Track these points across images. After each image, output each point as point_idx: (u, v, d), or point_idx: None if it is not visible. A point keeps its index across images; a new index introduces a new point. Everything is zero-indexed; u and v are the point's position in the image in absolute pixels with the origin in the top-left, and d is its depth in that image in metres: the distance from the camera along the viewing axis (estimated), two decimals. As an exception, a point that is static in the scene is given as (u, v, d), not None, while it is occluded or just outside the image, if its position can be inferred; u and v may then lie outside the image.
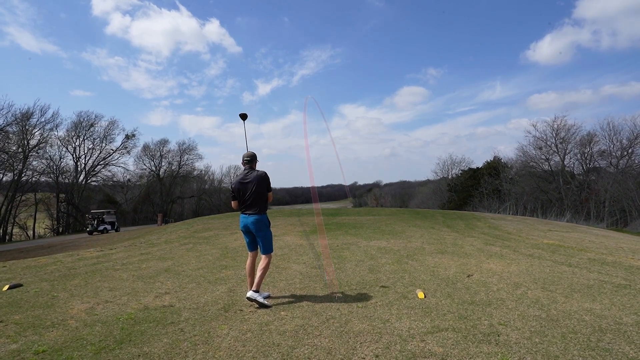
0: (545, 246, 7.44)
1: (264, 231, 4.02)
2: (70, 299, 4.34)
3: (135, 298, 4.29)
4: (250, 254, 4.20)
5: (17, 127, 33.86)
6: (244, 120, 4.78)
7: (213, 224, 13.18)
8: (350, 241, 8.09)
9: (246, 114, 4.79)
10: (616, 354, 2.64)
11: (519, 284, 4.54)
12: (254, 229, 3.99)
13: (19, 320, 3.58)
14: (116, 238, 16.55)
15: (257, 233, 4.01)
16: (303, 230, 10.23)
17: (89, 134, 43.95)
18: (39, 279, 5.51)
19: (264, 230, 4.02)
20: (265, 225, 4.02)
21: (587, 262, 5.88)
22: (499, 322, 3.28)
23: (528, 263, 5.73)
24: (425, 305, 3.78)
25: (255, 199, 3.97)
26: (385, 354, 2.71)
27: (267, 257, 4.03)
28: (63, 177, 41.44)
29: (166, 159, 53.57)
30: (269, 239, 4.08)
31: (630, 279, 4.80)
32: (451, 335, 2.99)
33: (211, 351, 2.82)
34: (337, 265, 5.70)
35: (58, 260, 7.38)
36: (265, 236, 4.03)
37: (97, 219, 28.46)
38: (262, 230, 4.00)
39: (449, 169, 54.00)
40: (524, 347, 2.76)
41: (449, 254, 6.48)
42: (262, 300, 3.82)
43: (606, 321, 3.28)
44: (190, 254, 7.34)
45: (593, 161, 35.63)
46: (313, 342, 2.94)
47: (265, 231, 4.03)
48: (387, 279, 4.88)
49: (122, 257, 7.42)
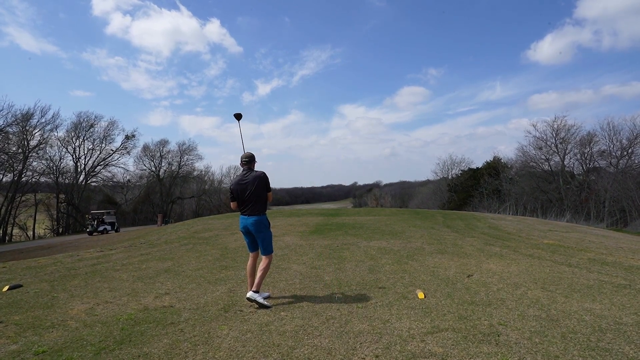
0: (545, 246, 7.44)
1: (263, 232, 4.01)
2: (70, 299, 4.33)
3: (135, 299, 4.29)
4: (251, 254, 4.20)
5: (17, 127, 33.88)
6: (238, 120, 4.75)
7: (213, 225, 13.18)
8: (350, 241, 8.09)
9: (241, 114, 4.74)
10: (616, 354, 2.64)
11: (519, 284, 4.54)
12: (254, 230, 3.99)
13: (19, 321, 3.57)
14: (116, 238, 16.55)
15: (257, 234, 4.01)
16: (303, 230, 10.23)
17: (89, 135, 43.96)
18: (38, 279, 5.50)
19: (263, 231, 4.01)
20: (264, 226, 4.02)
21: (587, 262, 5.88)
22: (499, 322, 3.28)
23: (528, 263, 5.73)
24: (425, 305, 3.78)
25: (254, 200, 3.96)
26: (385, 354, 2.71)
27: (267, 257, 4.03)
28: (63, 177, 41.42)
29: (166, 160, 53.56)
30: (268, 240, 4.07)
31: (630, 279, 4.80)
32: (451, 336, 2.99)
33: (211, 351, 2.82)
34: (337, 266, 5.69)
35: (58, 260, 7.38)
36: (265, 237, 4.03)
37: (97, 220, 28.45)
38: (262, 231, 4.00)
39: (449, 169, 54.03)
40: (523, 347, 2.76)
41: (449, 254, 6.48)
42: (262, 301, 3.82)
43: (606, 321, 3.28)
44: (190, 254, 7.34)
45: (593, 161, 35.66)
46: (313, 343, 2.94)
47: (265, 232, 4.03)
48: (387, 279, 4.88)
49: (122, 257, 7.42)
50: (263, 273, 3.93)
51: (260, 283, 3.91)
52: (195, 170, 55.73)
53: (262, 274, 3.93)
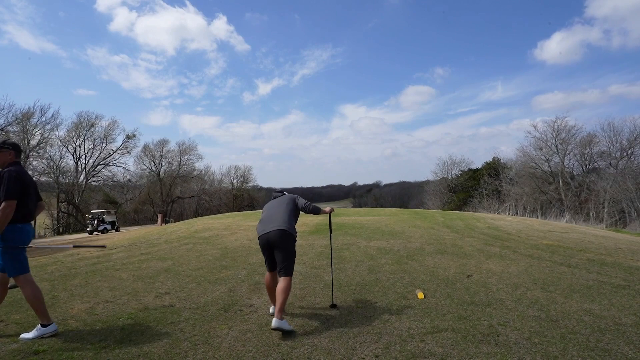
0: (545, 247, 7.44)
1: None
2: (70, 298, 4.34)
3: (136, 298, 4.30)
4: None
5: (17, 127, 33.88)
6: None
7: (213, 224, 13.18)
8: (350, 241, 8.09)
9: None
10: (615, 355, 2.65)
11: (519, 284, 4.55)
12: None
13: (19, 320, 3.58)
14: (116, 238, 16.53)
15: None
16: (303, 230, 10.23)
17: (90, 134, 43.96)
18: (39, 278, 5.50)
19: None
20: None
21: (586, 262, 5.89)
22: (499, 322, 3.29)
23: (527, 263, 5.74)
24: (425, 305, 3.79)
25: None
26: (385, 354, 2.71)
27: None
28: (63, 177, 41.40)
29: (166, 159, 53.52)
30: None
31: (630, 279, 4.81)
32: (451, 336, 3.00)
33: (211, 351, 2.83)
34: (337, 266, 5.70)
35: (58, 260, 7.39)
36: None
37: (97, 219, 28.44)
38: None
39: (449, 170, 53.94)
40: (523, 348, 2.77)
41: (449, 255, 6.49)
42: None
43: (605, 322, 3.29)
44: (190, 254, 7.35)
45: (593, 162, 35.67)
46: (313, 342, 2.94)
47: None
48: (386, 279, 4.89)
49: (122, 257, 7.42)
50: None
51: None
52: (195, 170, 55.72)
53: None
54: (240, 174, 62.21)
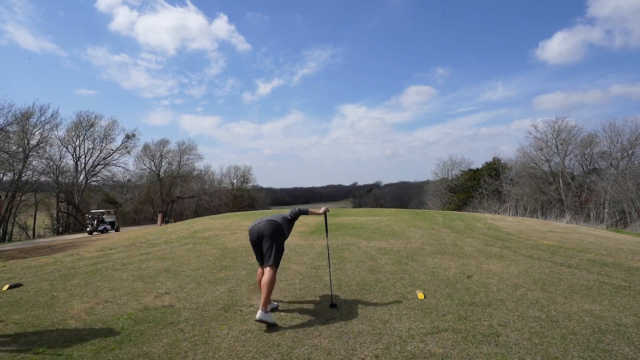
0: (545, 247, 7.43)
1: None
2: (70, 298, 4.34)
3: (135, 298, 4.29)
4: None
5: (17, 126, 33.88)
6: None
7: (213, 224, 13.17)
8: (350, 242, 8.08)
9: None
10: (616, 355, 2.65)
11: (519, 284, 4.54)
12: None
13: (19, 320, 3.58)
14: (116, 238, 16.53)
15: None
16: (303, 230, 10.23)
17: (89, 134, 43.97)
18: (38, 278, 5.50)
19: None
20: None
21: (586, 263, 5.88)
22: (499, 323, 3.28)
23: (528, 264, 5.73)
24: (425, 306, 3.78)
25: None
26: (385, 354, 2.71)
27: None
28: (63, 177, 41.40)
29: (166, 159, 53.54)
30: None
31: (630, 280, 4.80)
32: (451, 336, 2.99)
33: (211, 351, 2.82)
34: (337, 266, 5.69)
35: (58, 260, 7.38)
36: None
37: (97, 219, 28.44)
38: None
39: (449, 170, 53.89)
40: (523, 348, 2.76)
41: (449, 255, 6.48)
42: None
43: (606, 322, 3.28)
44: (190, 254, 7.34)
45: (593, 162, 35.66)
46: (313, 343, 2.94)
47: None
48: (387, 279, 4.88)
49: (122, 257, 7.42)
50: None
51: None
52: (195, 170, 55.75)
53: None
54: (240, 174, 62.24)
